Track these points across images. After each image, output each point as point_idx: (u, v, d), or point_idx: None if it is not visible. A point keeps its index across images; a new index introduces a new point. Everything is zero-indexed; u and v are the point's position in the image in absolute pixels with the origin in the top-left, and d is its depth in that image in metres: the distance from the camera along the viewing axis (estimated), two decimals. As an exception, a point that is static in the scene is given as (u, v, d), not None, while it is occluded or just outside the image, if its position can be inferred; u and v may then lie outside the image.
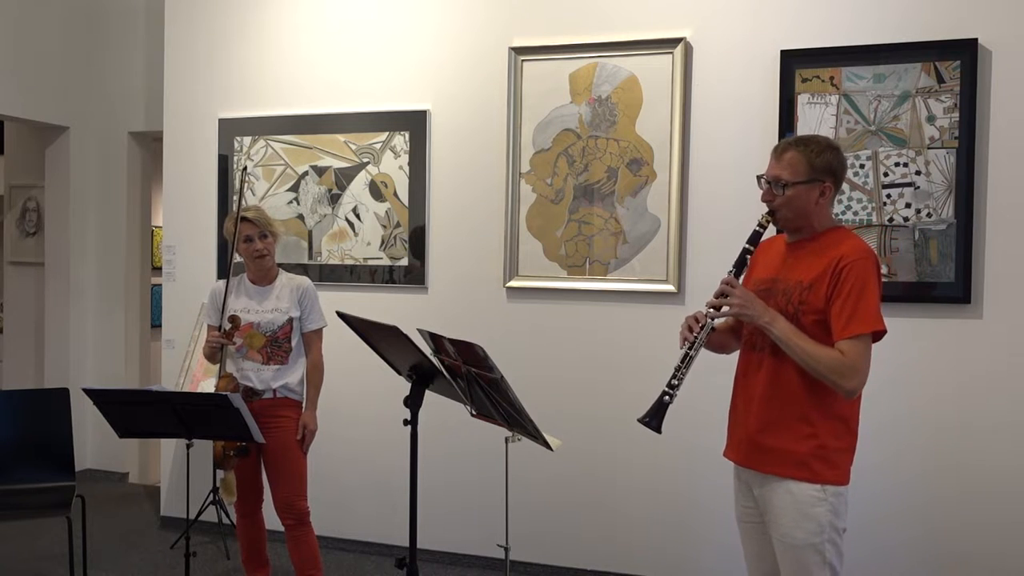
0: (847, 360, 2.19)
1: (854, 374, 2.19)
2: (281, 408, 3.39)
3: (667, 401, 2.33)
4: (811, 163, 2.31)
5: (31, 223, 6.01)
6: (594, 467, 4.03)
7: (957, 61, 3.48)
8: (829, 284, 2.25)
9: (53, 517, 3.70)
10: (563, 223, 4.04)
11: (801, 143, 2.35)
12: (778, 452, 2.31)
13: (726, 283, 2.32)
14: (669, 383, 2.34)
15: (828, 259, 2.27)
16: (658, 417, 2.33)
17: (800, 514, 2.27)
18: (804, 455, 2.27)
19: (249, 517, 3.51)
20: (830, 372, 2.20)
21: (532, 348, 4.10)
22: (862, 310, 2.20)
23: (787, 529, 2.30)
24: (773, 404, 2.33)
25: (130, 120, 5.59)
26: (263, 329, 3.38)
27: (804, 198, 2.32)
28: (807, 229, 2.37)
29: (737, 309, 2.30)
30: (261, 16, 4.58)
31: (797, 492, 2.28)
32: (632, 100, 3.91)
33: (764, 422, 2.35)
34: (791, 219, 2.36)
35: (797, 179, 2.31)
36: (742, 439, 2.43)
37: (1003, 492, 3.49)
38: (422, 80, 4.29)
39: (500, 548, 2.92)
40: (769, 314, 2.28)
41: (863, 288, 2.21)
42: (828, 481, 2.27)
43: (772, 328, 2.26)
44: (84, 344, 5.74)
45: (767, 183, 2.37)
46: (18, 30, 5.24)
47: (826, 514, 2.26)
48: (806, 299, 2.28)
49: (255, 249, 3.37)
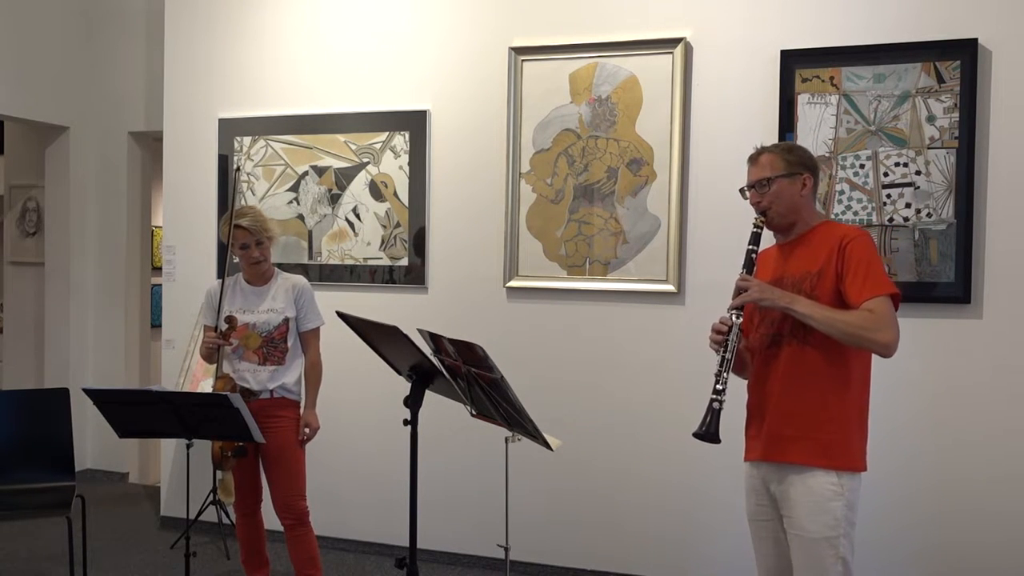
0: (876, 315, 2.26)
1: (887, 326, 2.27)
2: (279, 408, 3.39)
3: (717, 408, 2.38)
4: (785, 159, 2.46)
5: (31, 223, 6.01)
6: (594, 467, 4.03)
7: (957, 61, 3.48)
8: (837, 262, 2.34)
9: (53, 517, 3.70)
10: (563, 223, 4.03)
11: (769, 146, 2.53)
12: (798, 440, 2.37)
13: (741, 279, 2.42)
14: (715, 389, 2.38)
15: (831, 244, 2.37)
16: (713, 426, 2.37)
17: (816, 507, 2.32)
18: (826, 442, 2.34)
19: (249, 517, 3.51)
20: (863, 330, 2.26)
21: (532, 348, 4.10)
22: (874, 276, 2.31)
23: (803, 522, 2.34)
24: (791, 394, 2.40)
25: (130, 120, 5.59)
26: (259, 330, 3.38)
27: (789, 191, 2.44)
28: (800, 224, 2.48)
29: (757, 296, 2.36)
30: (261, 16, 4.58)
31: (814, 485, 2.33)
32: (632, 100, 3.91)
33: (784, 413, 2.40)
34: (783, 215, 2.46)
35: (778, 173, 2.44)
36: (762, 435, 2.46)
37: (1003, 492, 3.49)
38: (422, 80, 4.29)
39: (500, 548, 2.92)
40: (788, 296, 2.36)
41: (870, 259, 2.33)
42: (845, 467, 2.33)
43: (794, 307, 2.33)
44: (84, 344, 5.73)
45: (751, 188, 2.49)
46: (18, 30, 5.24)
47: (842, 508, 2.31)
48: (817, 284, 2.37)
49: (251, 256, 3.38)
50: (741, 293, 2.39)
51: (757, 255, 2.47)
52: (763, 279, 2.52)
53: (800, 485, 2.35)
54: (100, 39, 5.63)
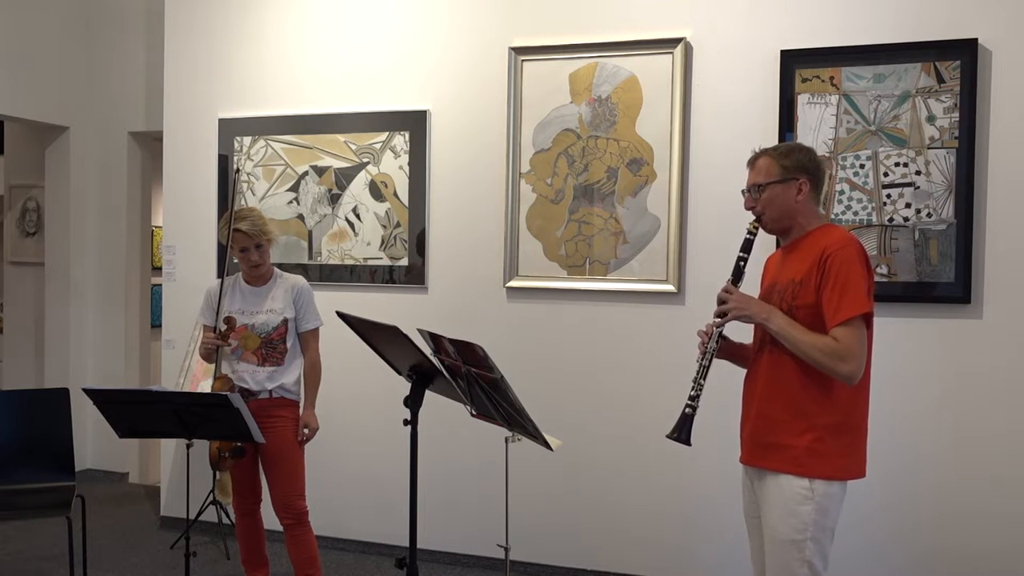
0: (841, 345, 2.26)
1: (850, 357, 2.26)
2: (278, 408, 3.38)
3: (689, 413, 2.46)
4: (781, 164, 2.44)
5: (31, 223, 6.01)
6: (594, 467, 4.03)
7: (957, 61, 3.48)
8: (817, 275, 2.34)
9: (53, 517, 3.69)
10: (563, 223, 4.03)
11: (769, 149, 2.50)
12: (775, 447, 2.39)
13: (724, 291, 2.46)
14: (689, 396, 2.45)
15: (815, 254, 2.36)
16: (685, 431, 2.46)
17: (785, 510, 2.35)
18: (799, 450, 2.34)
19: (248, 517, 3.51)
20: (825, 358, 2.27)
21: (532, 348, 4.10)
22: (849, 296, 2.28)
23: (773, 523, 2.38)
24: (771, 401, 2.42)
25: (130, 120, 5.59)
26: (258, 331, 3.38)
27: (782, 197, 2.43)
28: (796, 228, 2.47)
29: (735, 312, 2.42)
30: (261, 16, 4.58)
31: (786, 487, 2.35)
32: (632, 100, 3.91)
33: (763, 419, 2.44)
34: (776, 220, 2.47)
35: (771, 179, 2.44)
36: (746, 438, 2.52)
37: (1002, 492, 3.49)
38: (422, 80, 4.29)
39: (500, 548, 2.92)
40: (766, 311, 2.39)
41: (848, 275, 2.29)
42: (818, 475, 2.32)
43: (769, 323, 2.37)
44: (84, 344, 5.73)
45: (747, 192, 2.50)
46: (18, 30, 5.24)
47: (811, 512, 2.32)
48: (798, 294, 2.37)
49: (250, 260, 3.37)
50: (722, 303, 2.44)
51: (746, 263, 2.48)
52: (765, 280, 2.57)
53: (773, 487, 2.39)
54: (100, 39, 5.63)
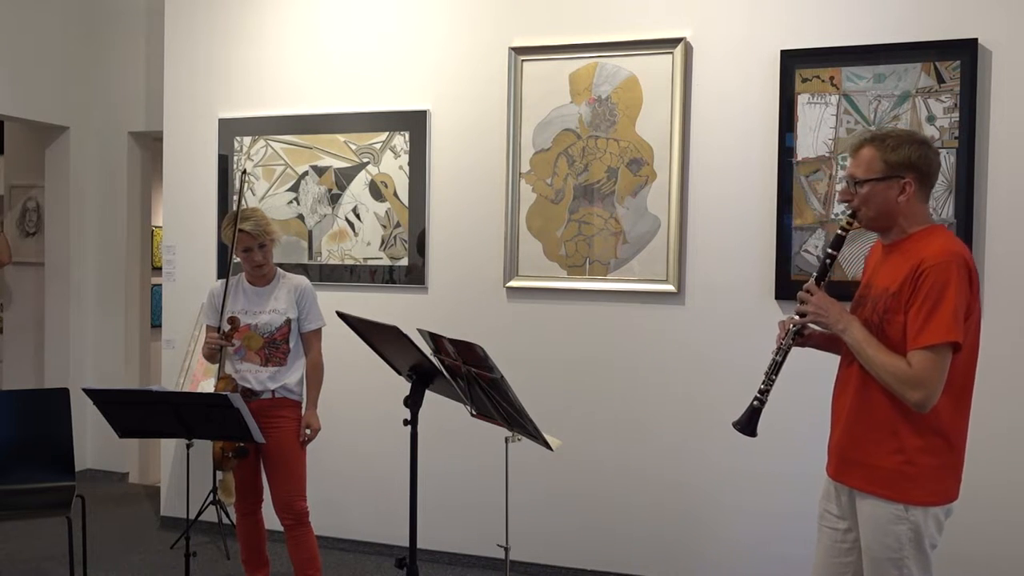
0: (913, 372, 2.10)
1: (919, 386, 2.09)
2: (280, 408, 3.39)
3: (757, 406, 2.36)
4: (886, 159, 2.20)
5: (31, 223, 6.01)
6: (594, 467, 4.03)
7: (957, 61, 3.48)
8: (909, 289, 2.14)
9: (53, 517, 3.69)
10: (563, 223, 4.03)
11: (877, 138, 2.23)
12: (863, 467, 2.25)
13: (804, 290, 2.31)
14: (760, 389, 2.35)
15: (911, 264, 2.15)
16: (751, 423, 2.37)
17: (879, 530, 2.21)
18: (889, 472, 2.19)
19: (249, 517, 3.51)
20: (895, 382, 2.12)
21: (532, 348, 4.10)
22: (936, 320, 2.08)
23: (868, 542, 2.25)
24: (860, 418, 2.26)
25: (130, 120, 5.59)
26: (261, 331, 3.38)
27: (882, 196, 2.21)
28: (897, 230, 2.26)
29: (812, 317, 2.28)
30: (261, 16, 4.58)
31: (878, 509, 2.21)
32: (632, 100, 3.91)
33: (852, 436, 2.29)
34: (874, 219, 2.26)
35: (871, 176, 2.21)
36: (833, 450, 2.39)
37: (1002, 492, 3.49)
38: (422, 80, 4.29)
39: (500, 548, 2.92)
40: (844, 320, 2.23)
41: (940, 295, 2.09)
42: (912, 501, 2.17)
43: (846, 335, 2.22)
44: (84, 344, 5.73)
45: (845, 181, 2.30)
46: (18, 30, 5.23)
47: (907, 532, 2.17)
48: (890, 307, 2.19)
49: (253, 260, 3.37)
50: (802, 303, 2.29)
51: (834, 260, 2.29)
52: (864, 278, 2.38)
53: (865, 507, 2.25)
54: (100, 39, 5.63)
